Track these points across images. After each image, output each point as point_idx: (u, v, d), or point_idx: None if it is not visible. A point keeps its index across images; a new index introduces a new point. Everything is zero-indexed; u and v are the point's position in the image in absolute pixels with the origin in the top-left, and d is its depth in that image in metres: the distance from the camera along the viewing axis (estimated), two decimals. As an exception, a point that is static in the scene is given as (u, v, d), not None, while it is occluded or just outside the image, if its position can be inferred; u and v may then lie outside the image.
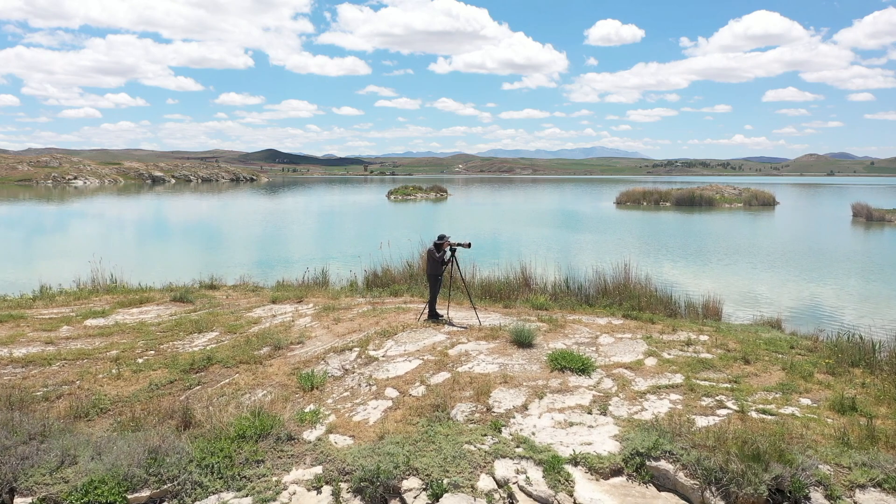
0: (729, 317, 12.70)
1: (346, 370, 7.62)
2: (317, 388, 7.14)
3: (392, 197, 72.76)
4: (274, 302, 10.97)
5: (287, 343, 8.44)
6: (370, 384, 7.22)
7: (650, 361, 8.19)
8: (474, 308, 9.67)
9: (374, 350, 8.15)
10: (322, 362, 7.84)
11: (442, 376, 7.36)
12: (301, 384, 7.19)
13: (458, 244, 9.21)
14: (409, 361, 7.80)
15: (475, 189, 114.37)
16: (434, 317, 9.46)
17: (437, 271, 9.26)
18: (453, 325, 9.23)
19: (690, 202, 60.70)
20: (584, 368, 7.69)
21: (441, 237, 9.25)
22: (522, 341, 8.36)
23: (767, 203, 61.86)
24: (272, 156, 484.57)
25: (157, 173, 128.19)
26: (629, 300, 12.10)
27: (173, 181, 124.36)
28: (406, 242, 14.50)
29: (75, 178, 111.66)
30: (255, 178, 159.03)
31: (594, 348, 8.59)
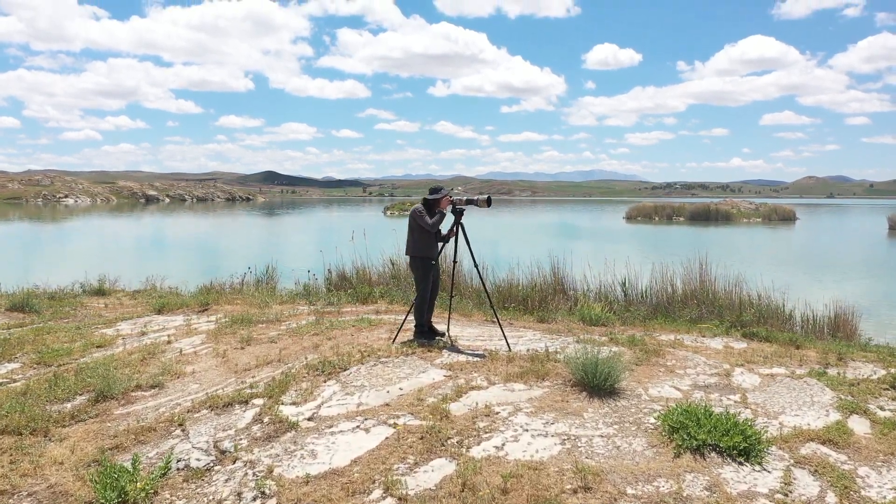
0: (878, 338, 8.50)
1: (223, 453, 3.42)
2: (133, 506, 2.94)
3: (388, 213, 68.97)
4: (160, 311, 6.79)
5: (128, 387, 4.24)
6: (264, 494, 3.03)
7: (860, 426, 4.01)
8: (497, 320, 5.45)
9: (293, 403, 3.94)
10: (176, 432, 3.64)
11: (435, 471, 3.18)
12: (99, 493, 3.00)
13: (469, 200, 5.10)
14: (366, 431, 3.61)
15: (474, 207, 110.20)
16: (424, 335, 5.29)
17: (429, 252, 5.12)
18: (458, 351, 5.05)
19: (706, 217, 56.89)
20: (746, 449, 3.51)
21: (435, 190, 5.15)
22: (599, 384, 4.18)
23: (787, 218, 58.16)
24: (271, 177, 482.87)
25: (151, 192, 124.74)
26: (718, 309, 7.99)
27: (168, 200, 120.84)
28: (391, 233, 10.33)
29: (66, 196, 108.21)
30: (251, 197, 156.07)
31: (736, 396, 4.40)
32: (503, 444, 3.48)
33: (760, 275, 9.31)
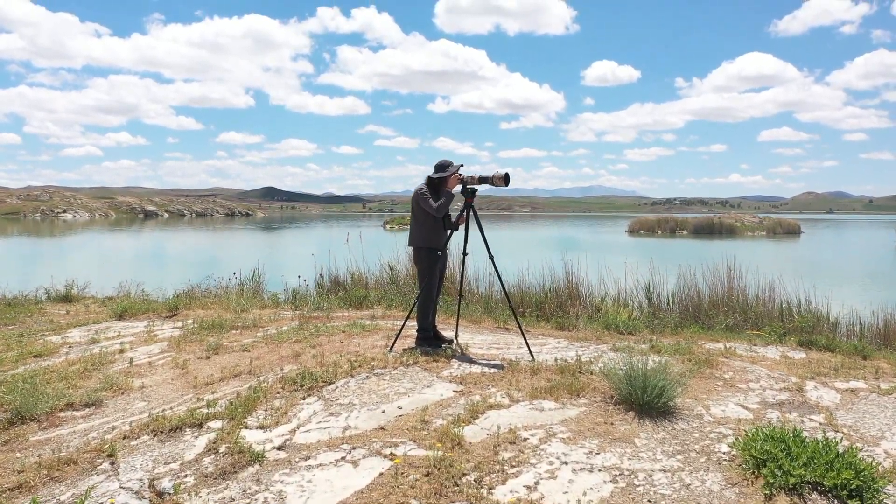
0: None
1: (160, 495, 2.54)
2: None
3: (388, 226, 68.21)
4: (121, 317, 5.93)
5: (56, 405, 3.37)
6: (206, 558, 2.15)
7: None
8: (518, 323, 4.56)
9: (260, 427, 3.07)
10: (103, 465, 2.77)
11: (447, 523, 2.31)
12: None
13: (483, 178, 4.27)
14: (353, 464, 2.73)
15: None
16: (429, 342, 4.43)
17: (436, 241, 4.29)
18: (471, 361, 4.18)
19: (710, 230, 56.12)
20: (859, 488, 2.64)
21: (442, 167, 4.33)
22: (650, 401, 3.31)
23: (792, 231, 57.43)
24: (271, 193, 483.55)
25: (150, 207, 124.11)
26: (753, 317, 7.17)
27: (166, 215, 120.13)
28: (390, 238, 9.49)
29: (64, 211, 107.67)
30: (250, 213, 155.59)
31: (819, 416, 3.53)
32: (536, 483, 2.60)
33: (802, 281, 8.51)
